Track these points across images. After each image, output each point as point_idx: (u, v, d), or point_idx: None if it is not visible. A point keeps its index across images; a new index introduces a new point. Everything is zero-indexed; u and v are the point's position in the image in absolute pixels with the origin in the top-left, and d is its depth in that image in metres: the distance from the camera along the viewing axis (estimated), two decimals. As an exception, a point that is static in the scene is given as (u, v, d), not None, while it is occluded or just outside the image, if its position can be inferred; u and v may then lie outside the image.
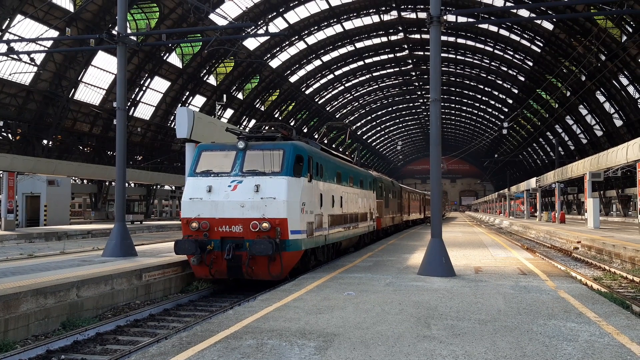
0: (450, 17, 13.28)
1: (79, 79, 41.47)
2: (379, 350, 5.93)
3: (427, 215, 53.78)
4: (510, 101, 77.88)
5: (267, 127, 18.08)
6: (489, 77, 73.33)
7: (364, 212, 21.12)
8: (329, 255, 15.87)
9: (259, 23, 46.09)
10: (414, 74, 77.01)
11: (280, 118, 69.54)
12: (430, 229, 12.76)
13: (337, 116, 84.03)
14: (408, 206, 39.88)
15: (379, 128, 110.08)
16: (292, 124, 71.86)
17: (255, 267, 11.86)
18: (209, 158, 12.92)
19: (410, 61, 71.66)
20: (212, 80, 56.56)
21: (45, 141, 41.54)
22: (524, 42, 57.07)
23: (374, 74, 76.65)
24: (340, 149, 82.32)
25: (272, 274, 11.83)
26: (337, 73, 71.36)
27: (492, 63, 67.41)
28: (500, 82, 73.69)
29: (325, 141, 69.70)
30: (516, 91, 72.91)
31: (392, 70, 75.98)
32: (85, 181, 50.00)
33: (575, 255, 22.90)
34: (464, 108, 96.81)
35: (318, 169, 13.86)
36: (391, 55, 69.76)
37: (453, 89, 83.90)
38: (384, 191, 27.43)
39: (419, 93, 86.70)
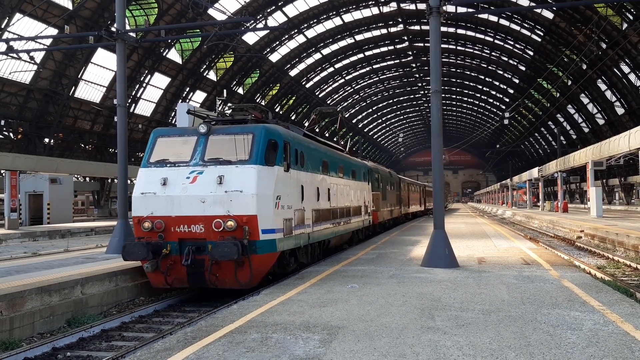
0: (450, 8, 13.17)
1: (79, 76, 41.44)
2: (383, 342, 5.94)
3: (428, 208, 53.29)
4: (511, 91, 77.66)
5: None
6: (490, 68, 73.09)
7: (357, 206, 19.51)
8: (313, 255, 14.18)
9: (258, 17, 45.97)
10: (414, 65, 76.80)
11: (281, 112, 69.46)
12: (431, 221, 12.75)
13: (338, 109, 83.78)
14: (407, 198, 38.30)
15: (380, 120, 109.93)
16: (292, 118, 71.84)
17: (220, 273, 10.15)
18: (165, 145, 11.14)
19: (410, 53, 71.45)
20: (212, 75, 56.48)
21: (46, 139, 41.59)
22: (524, 31, 56.85)
23: (374, 66, 76.45)
24: (335, 139, 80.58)
25: (240, 281, 10.10)
26: (337, 66, 71.19)
27: (493, 53, 67.18)
28: (501, 72, 73.47)
29: (317, 129, 67.81)
30: (517, 81, 72.69)
31: (392, 62, 75.77)
32: (87, 179, 50.04)
33: (578, 244, 22.89)
34: (465, 99, 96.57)
35: (298, 156, 12.20)
36: (391, 47, 69.55)
37: (454, 80, 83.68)
38: (381, 183, 26.05)
39: (420, 85, 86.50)
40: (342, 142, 23.82)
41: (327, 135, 79.04)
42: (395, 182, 31.64)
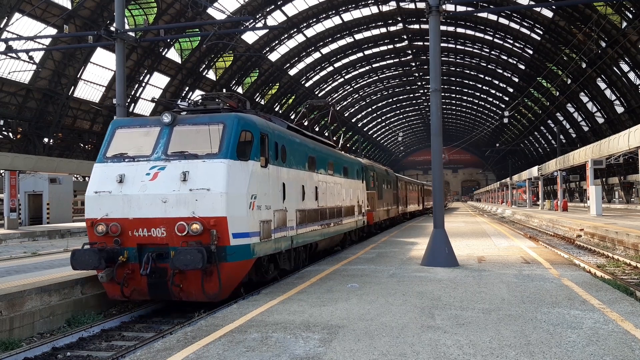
0: (449, 7, 13.19)
1: (78, 76, 41.42)
2: (384, 341, 5.94)
3: (427, 207, 52.85)
4: (511, 90, 77.66)
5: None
6: (489, 66, 73.09)
7: (350, 206, 18.36)
8: (298, 260, 12.91)
9: (257, 16, 45.96)
10: (413, 64, 76.78)
11: (280, 111, 69.44)
12: (430, 221, 12.73)
13: (337, 108, 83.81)
14: (405, 197, 37.22)
15: (379, 119, 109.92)
16: (292, 117, 71.79)
17: (185, 284, 8.97)
18: (125, 138, 9.93)
19: (409, 52, 71.43)
20: (211, 74, 56.46)
21: (46, 139, 41.57)
22: (523, 30, 56.85)
23: (374, 65, 76.43)
24: (326, 133, 77.99)
25: (208, 293, 8.91)
26: (336, 65, 71.17)
27: (492, 52, 67.18)
28: (500, 71, 73.47)
29: (305, 123, 66.25)
30: (516, 80, 72.69)
31: (391, 61, 75.75)
32: (87, 179, 50.03)
33: (578, 243, 22.89)
34: (465, 98, 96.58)
35: (279, 151, 11.06)
36: (391, 46, 69.53)
37: (453, 79, 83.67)
38: (377, 181, 24.98)
39: (419, 83, 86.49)
40: (334, 138, 22.85)
41: (316, 129, 76.45)
42: (392, 181, 30.68)
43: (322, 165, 14.76)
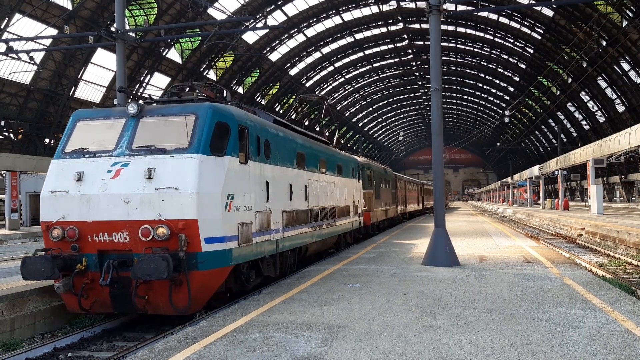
0: (450, 6, 13.18)
1: (79, 76, 41.43)
2: (385, 341, 5.93)
3: (427, 206, 52.34)
4: (512, 89, 77.61)
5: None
6: (490, 66, 73.05)
7: (345, 206, 17.43)
8: (285, 266, 11.95)
9: (258, 16, 45.94)
10: (414, 64, 76.73)
11: (281, 111, 69.44)
12: (430, 221, 12.70)
13: (338, 108, 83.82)
14: (404, 197, 36.30)
15: (380, 119, 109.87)
16: (292, 116, 71.70)
17: (152, 295, 8.05)
18: (86, 130, 8.97)
19: (410, 51, 71.39)
20: (212, 75, 56.45)
21: (47, 140, 41.59)
22: (524, 29, 56.80)
23: (374, 65, 76.38)
24: (317, 128, 74.53)
25: (177, 306, 8.01)
26: (337, 65, 71.12)
27: (493, 51, 67.14)
28: (501, 70, 73.43)
29: (294, 116, 64.22)
30: (517, 79, 72.64)
31: (392, 60, 75.70)
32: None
33: (579, 242, 22.88)
34: (465, 97, 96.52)
35: (262, 146, 10.11)
36: (391, 46, 69.50)
37: (454, 78, 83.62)
38: (374, 180, 24.12)
39: (420, 83, 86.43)
40: (326, 133, 22.14)
41: (306, 123, 73.22)
42: (390, 180, 29.89)
43: (313, 163, 13.77)
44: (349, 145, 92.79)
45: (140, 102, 9.37)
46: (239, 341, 6.11)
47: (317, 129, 70.70)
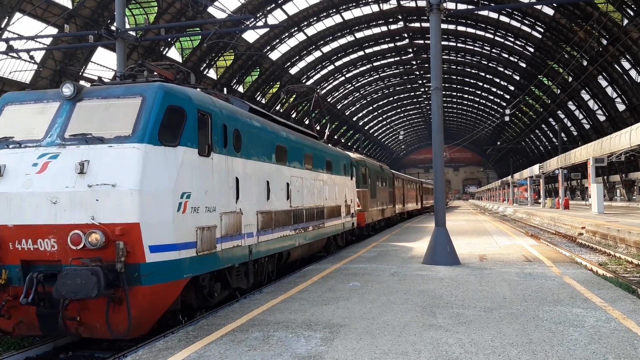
0: (450, 5, 13.21)
1: (79, 75, 41.44)
2: (385, 340, 5.93)
3: (426, 206, 51.68)
4: (512, 88, 77.60)
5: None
6: (490, 65, 73.02)
7: (335, 206, 16.16)
8: (260, 275, 10.58)
9: (258, 15, 45.93)
10: (414, 63, 76.70)
11: (281, 110, 69.43)
12: (428, 221, 12.68)
13: (338, 107, 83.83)
14: (402, 196, 35.10)
15: (380, 118, 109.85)
16: (293, 116, 71.79)
17: (86, 315, 6.72)
18: (14, 116, 7.63)
19: (410, 50, 71.35)
20: (212, 74, 56.43)
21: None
22: (524, 28, 56.77)
23: (375, 64, 76.35)
24: (306, 121, 70.93)
25: (115, 329, 6.69)
26: (337, 64, 71.09)
27: (493, 50, 67.11)
28: (501, 69, 73.41)
29: (279, 108, 60.78)
30: (518, 78, 72.63)
31: (392, 59, 75.67)
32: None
33: (579, 241, 22.88)
34: (466, 96, 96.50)
35: (230, 136, 8.74)
36: (391, 45, 69.46)
37: (454, 77, 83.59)
38: (369, 178, 22.97)
39: (420, 82, 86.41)
40: (317, 127, 21.50)
41: (293, 115, 68.96)
42: (387, 178, 28.73)
43: (297, 158, 12.44)
44: (349, 144, 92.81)
45: (84, 83, 8.04)
46: (239, 340, 6.11)
47: (307, 122, 69.70)
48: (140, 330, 7.03)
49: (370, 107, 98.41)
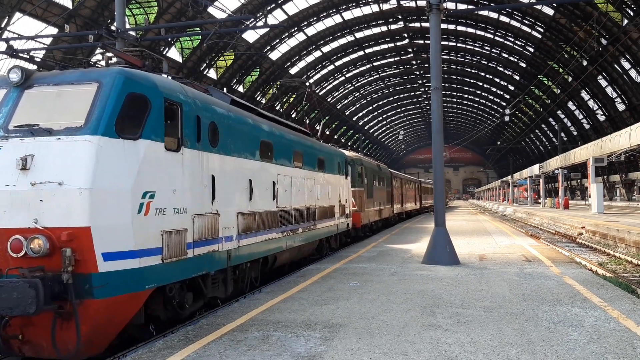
0: (450, 5, 13.22)
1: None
2: (385, 340, 5.94)
3: (425, 206, 51.21)
4: (512, 88, 77.61)
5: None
6: (490, 65, 73.03)
7: (328, 206, 15.34)
8: (243, 282, 9.77)
9: (258, 15, 45.93)
10: (414, 62, 76.72)
11: (281, 110, 69.39)
12: (428, 221, 12.67)
13: (338, 107, 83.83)
14: (401, 195, 34.22)
15: (380, 118, 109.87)
16: (293, 115, 71.79)
17: (30, 332, 5.96)
18: None
19: (410, 50, 71.36)
20: (212, 73, 56.44)
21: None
22: (524, 28, 56.79)
23: (375, 64, 76.38)
24: (293, 115, 69.49)
25: (63, 348, 5.91)
26: (337, 64, 71.11)
27: (493, 50, 67.13)
28: (501, 69, 73.42)
29: (278, 108, 59.91)
30: (517, 78, 72.64)
31: (392, 59, 75.70)
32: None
33: (579, 240, 22.88)
34: (466, 96, 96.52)
35: (203, 130, 7.87)
36: (391, 45, 69.48)
37: (454, 77, 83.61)
38: (366, 177, 22.13)
39: (420, 82, 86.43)
40: (305, 121, 20.98)
41: (277, 108, 65.67)
42: (385, 177, 27.81)
43: (285, 155, 11.65)
44: (349, 143, 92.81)
45: (35, 69, 7.05)
46: (239, 340, 6.12)
47: (293, 115, 68.69)
48: (94, 350, 6.18)
49: (370, 107, 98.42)
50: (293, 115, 71.31)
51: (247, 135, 9.61)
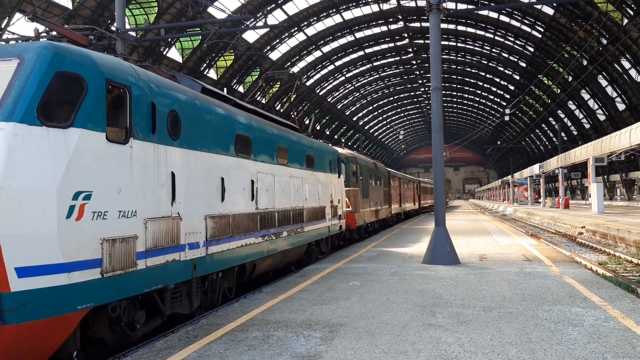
0: (450, 4, 13.22)
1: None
2: (385, 339, 5.94)
3: (424, 206, 50.59)
4: (512, 88, 77.66)
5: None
6: (490, 64, 73.06)
7: (318, 207, 14.27)
8: (214, 294, 8.70)
9: (258, 15, 45.97)
10: (414, 62, 76.76)
11: (282, 110, 69.43)
12: (426, 222, 12.67)
13: (338, 107, 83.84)
14: (399, 195, 33.38)
15: (380, 118, 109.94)
16: (293, 116, 71.77)
17: None
18: None
19: (410, 50, 71.39)
20: (212, 74, 56.47)
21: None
22: (524, 27, 56.82)
23: (375, 64, 76.43)
24: (278, 107, 66.52)
25: None
26: (337, 64, 71.16)
27: (493, 50, 67.16)
28: (501, 69, 73.45)
29: (279, 108, 58.41)
30: (518, 77, 72.67)
31: (392, 59, 75.75)
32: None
33: (579, 240, 22.88)
34: (466, 96, 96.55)
35: (159, 119, 6.79)
36: (391, 45, 69.53)
37: (454, 77, 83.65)
38: (361, 176, 21.23)
39: (420, 82, 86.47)
40: (292, 115, 19.26)
41: (260, 99, 64.28)
42: (382, 176, 26.98)
43: (266, 151, 10.58)
44: (349, 143, 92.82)
45: None
46: (239, 339, 6.12)
47: (278, 107, 67.18)
48: None
49: (370, 107, 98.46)
50: (293, 115, 71.27)
51: (220, 128, 8.54)
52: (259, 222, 9.95)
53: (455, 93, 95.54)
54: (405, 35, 66.11)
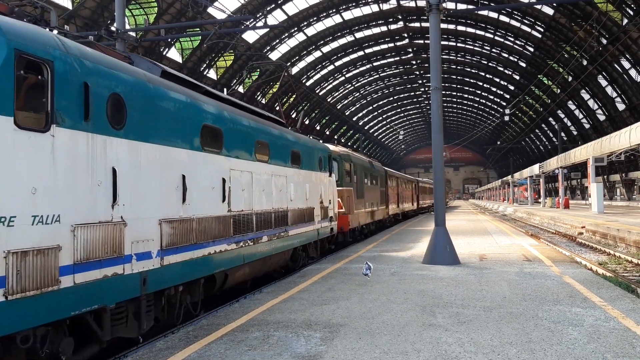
0: (450, 4, 13.23)
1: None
2: (385, 340, 5.95)
3: (422, 206, 49.91)
4: (512, 88, 77.66)
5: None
6: (490, 64, 73.08)
7: (306, 208, 13.09)
8: (175, 311, 7.54)
9: (258, 15, 45.97)
10: (414, 62, 76.77)
11: (264, 102, 69.40)
12: (425, 223, 12.66)
13: (338, 107, 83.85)
14: (397, 195, 32.31)
15: (380, 118, 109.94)
16: (293, 115, 71.76)
17: None
18: None
19: (410, 50, 71.40)
20: (212, 74, 56.49)
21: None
22: (524, 27, 56.83)
23: (375, 64, 76.44)
24: (265, 100, 62.93)
25: None
26: (337, 64, 71.18)
27: (493, 50, 67.17)
28: (501, 69, 73.46)
29: (234, 87, 57.76)
30: (517, 77, 72.69)
31: (392, 59, 75.76)
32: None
33: (579, 240, 22.89)
34: (466, 96, 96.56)
35: (95, 102, 5.61)
36: (391, 45, 69.55)
37: (454, 77, 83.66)
38: (355, 175, 20.14)
39: (420, 82, 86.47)
40: (277, 108, 17.63)
41: (239, 89, 64.48)
42: (379, 176, 25.81)
43: (242, 146, 9.36)
44: (349, 143, 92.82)
45: None
46: (239, 340, 6.12)
47: (259, 97, 63.87)
48: None
49: (370, 107, 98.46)
50: (293, 115, 71.27)
51: (181, 118, 7.36)
52: (232, 226, 8.73)
53: (455, 93, 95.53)
54: (405, 35, 66.11)
